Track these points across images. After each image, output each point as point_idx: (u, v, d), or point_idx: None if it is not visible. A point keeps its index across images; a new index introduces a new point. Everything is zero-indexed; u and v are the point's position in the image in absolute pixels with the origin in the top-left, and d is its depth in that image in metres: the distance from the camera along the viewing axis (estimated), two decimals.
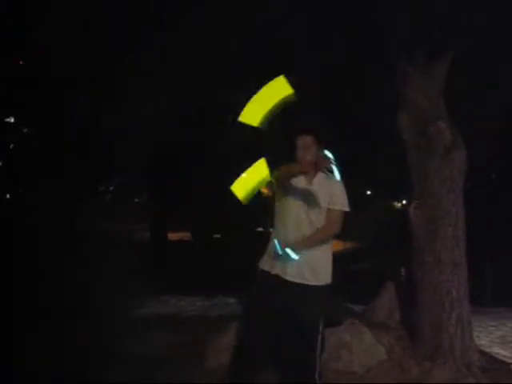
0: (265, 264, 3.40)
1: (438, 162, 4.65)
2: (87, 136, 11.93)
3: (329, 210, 3.31)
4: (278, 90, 2.75)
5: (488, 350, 5.24)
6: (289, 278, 3.29)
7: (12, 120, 15.93)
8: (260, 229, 21.72)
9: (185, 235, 17.48)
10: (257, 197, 3.15)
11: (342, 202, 3.34)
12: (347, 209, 3.36)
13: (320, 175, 3.29)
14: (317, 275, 3.35)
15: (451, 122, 4.74)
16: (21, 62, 11.18)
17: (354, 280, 15.09)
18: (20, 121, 15.25)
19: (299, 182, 3.34)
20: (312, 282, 3.32)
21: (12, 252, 9.39)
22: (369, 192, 21.21)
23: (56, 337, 4.89)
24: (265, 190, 3.27)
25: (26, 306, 6.26)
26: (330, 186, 3.30)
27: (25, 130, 16.13)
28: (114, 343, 4.94)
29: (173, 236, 17.07)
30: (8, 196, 18.03)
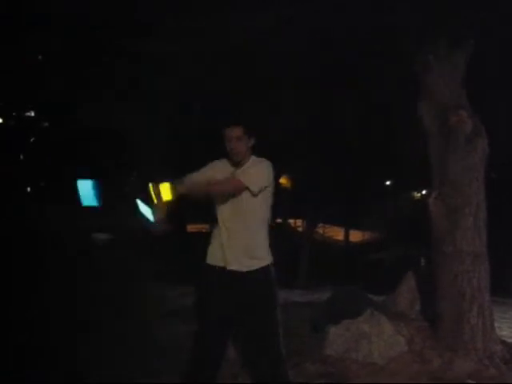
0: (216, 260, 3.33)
1: (460, 150, 4.59)
2: (101, 131, 12.16)
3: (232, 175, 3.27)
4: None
5: (510, 340, 5.18)
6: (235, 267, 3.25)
7: (32, 114, 16.14)
8: (279, 220, 21.75)
9: (203, 227, 17.56)
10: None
11: (249, 177, 3.25)
12: (252, 186, 3.23)
13: (250, 161, 3.34)
14: (257, 258, 3.31)
15: (473, 111, 4.68)
16: (40, 57, 11.31)
17: (373, 270, 15.07)
18: (40, 115, 15.49)
19: (226, 173, 3.33)
20: (257, 266, 3.28)
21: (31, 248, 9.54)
22: (388, 182, 21.09)
23: (66, 333, 4.91)
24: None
25: (37, 298, 6.36)
26: (254, 166, 3.32)
27: (45, 124, 16.34)
28: (132, 336, 4.96)
29: (192, 228, 17.15)
30: (29, 189, 18.29)
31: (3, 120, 16.29)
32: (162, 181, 3.17)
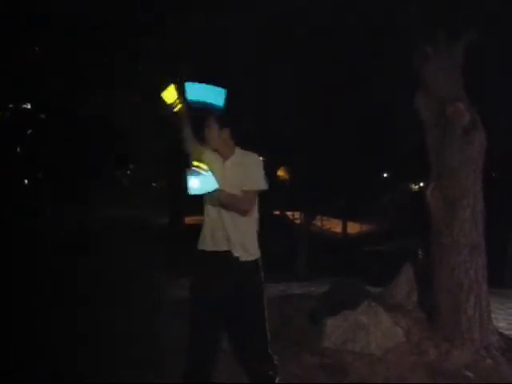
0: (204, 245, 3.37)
1: (457, 143, 4.59)
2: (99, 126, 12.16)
3: (243, 190, 3.29)
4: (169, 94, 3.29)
5: (507, 332, 5.21)
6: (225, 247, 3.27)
7: (29, 106, 16.07)
8: (277, 212, 21.76)
9: (201, 219, 17.56)
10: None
11: (255, 181, 3.31)
12: (262, 187, 3.31)
13: (236, 152, 3.35)
14: (247, 251, 3.32)
15: (470, 103, 4.67)
16: (37, 49, 11.25)
17: (370, 262, 15.11)
18: (36, 107, 15.42)
19: (216, 161, 3.34)
20: (243, 258, 3.29)
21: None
22: (385, 175, 21.09)
23: (66, 332, 4.90)
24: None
25: (39, 292, 6.33)
26: (246, 164, 3.33)
27: (42, 116, 16.27)
28: (128, 329, 4.94)
29: (190, 220, 17.15)
30: (26, 181, 18.26)
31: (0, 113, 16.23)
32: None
